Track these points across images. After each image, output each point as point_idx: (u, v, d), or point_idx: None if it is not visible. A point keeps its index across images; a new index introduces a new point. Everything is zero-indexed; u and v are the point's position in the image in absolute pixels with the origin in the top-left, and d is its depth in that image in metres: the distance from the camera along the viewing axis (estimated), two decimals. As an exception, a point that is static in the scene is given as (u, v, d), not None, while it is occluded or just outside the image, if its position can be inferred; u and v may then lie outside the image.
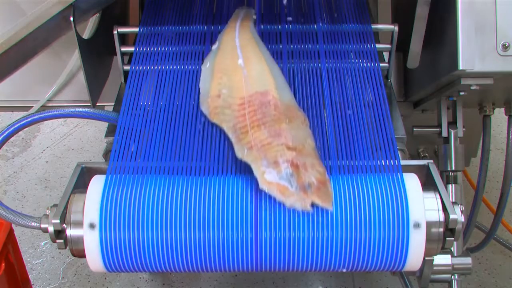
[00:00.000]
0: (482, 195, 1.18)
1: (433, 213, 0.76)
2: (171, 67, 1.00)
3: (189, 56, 1.02)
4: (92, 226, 0.75)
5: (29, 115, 0.89)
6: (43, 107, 1.28)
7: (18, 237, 1.20)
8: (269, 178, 0.74)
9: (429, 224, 0.75)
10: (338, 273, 1.62)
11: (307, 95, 0.94)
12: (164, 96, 0.95)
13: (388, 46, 1.06)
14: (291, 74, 0.98)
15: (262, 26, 1.06)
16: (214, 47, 1.00)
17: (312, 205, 0.74)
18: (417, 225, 0.75)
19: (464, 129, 1.08)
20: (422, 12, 0.99)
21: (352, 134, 0.87)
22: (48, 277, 1.65)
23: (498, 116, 1.26)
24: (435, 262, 0.84)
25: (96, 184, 0.78)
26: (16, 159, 2.12)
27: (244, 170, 0.82)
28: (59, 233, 0.76)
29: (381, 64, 1.01)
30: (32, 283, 1.24)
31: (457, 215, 0.75)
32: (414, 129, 1.13)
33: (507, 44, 0.89)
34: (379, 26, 1.08)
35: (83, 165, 0.85)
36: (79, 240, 0.76)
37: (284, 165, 0.75)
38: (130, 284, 1.63)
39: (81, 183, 0.82)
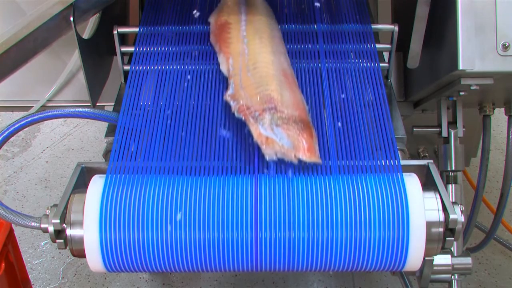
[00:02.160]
0: (482, 195, 1.18)
1: (433, 213, 0.76)
2: (171, 67, 1.00)
3: (189, 56, 1.02)
4: (92, 226, 0.75)
5: (29, 115, 0.89)
6: (43, 107, 1.28)
7: (18, 237, 1.20)
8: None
9: (429, 224, 0.75)
10: (338, 273, 1.62)
11: (307, 95, 0.94)
12: (164, 96, 0.95)
13: (388, 46, 1.06)
14: (291, 74, 0.98)
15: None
16: None
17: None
18: (417, 225, 0.75)
19: (464, 129, 1.08)
20: (422, 12, 0.99)
21: (352, 134, 0.87)
22: (48, 277, 1.65)
23: (498, 116, 1.26)
24: (435, 262, 0.84)
25: (96, 184, 0.78)
26: (16, 159, 2.12)
27: (244, 170, 0.82)
28: (59, 233, 0.76)
29: (381, 64, 1.01)
30: (32, 283, 1.24)
31: (457, 215, 0.75)
32: (414, 129, 1.13)
33: (507, 44, 0.89)
34: (379, 26, 1.08)
35: (83, 165, 0.85)
36: (79, 240, 0.76)
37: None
38: (130, 284, 1.63)
39: (81, 183, 0.82)
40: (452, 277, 1.02)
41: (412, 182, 0.78)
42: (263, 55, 0.93)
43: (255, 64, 0.90)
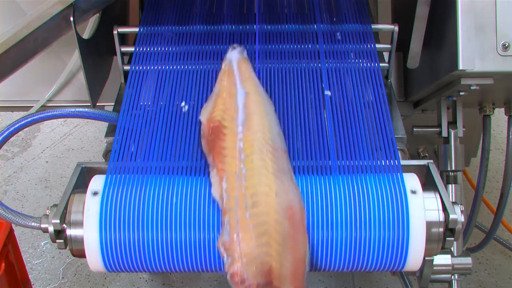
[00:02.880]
0: (482, 195, 1.18)
1: (433, 213, 0.76)
2: (171, 67, 1.00)
3: (189, 56, 1.02)
4: (92, 226, 0.75)
5: (29, 115, 0.89)
6: (43, 107, 1.28)
7: (18, 237, 1.20)
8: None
9: (429, 224, 0.75)
10: (338, 273, 1.62)
11: (307, 95, 0.94)
12: (164, 96, 0.95)
13: (388, 46, 1.06)
14: (291, 74, 0.98)
15: (261, 26, 1.07)
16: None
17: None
18: (417, 225, 0.75)
19: (464, 129, 1.08)
20: (422, 12, 0.99)
21: (352, 134, 0.87)
22: (48, 277, 1.65)
23: (498, 116, 1.26)
24: (435, 262, 0.84)
25: (96, 184, 0.78)
26: (16, 159, 2.12)
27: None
28: (59, 233, 0.76)
29: (381, 64, 1.01)
30: (32, 283, 1.24)
31: (457, 215, 0.75)
32: (414, 129, 1.13)
33: (507, 44, 0.89)
34: (379, 26, 1.08)
35: (83, 165, 0.85)
36: (79, 240, 0.76)
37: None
38: (130, 284, 1.63)
39: (81, 183, 0.82)
40: (452, 277, 1.02)
41: (412, 182, 0.78)
42: (264, 181, 0.74)
43: (254, 197, 0.73)
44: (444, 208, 0.76)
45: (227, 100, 0.86)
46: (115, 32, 1.05)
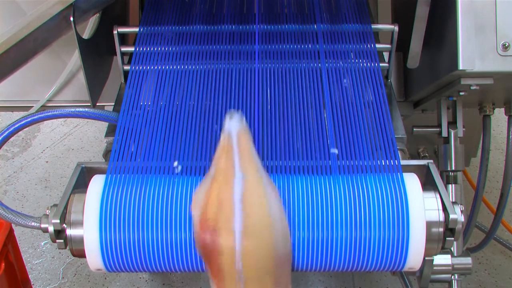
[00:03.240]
0: (482, 195, 1.18)
1: (433, 213, 0.76)
2: (171, 67, 1.00)
3: (189, 56, 1.02)
4: (92, 226, 0.75)
5: (29, 115, 0.89)
6: (43, 107, 1.28)
7: (18, 237, 1.20)
8: None
9: (429, 224, 0.75)
10: (338, 273, 1.62)
11: (307, 95, 0.95)
12: (164, 96, 0.95)
13: (388, 46, 1.06)
14: (291, 74, 0.98)
15: (261, 26, 1.07)
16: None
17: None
18: (417, 225, 0.75)
19: (464, 129, 1.08)
20: (422, 12, 0.99)
21: (352, 134, 0.87)
22: (48, 277, 1.65)
23: (498, 116, 1.26)
24: (435, 262, 0.84)
25: (96, 184, 0.78)
26: (16, 159, 2.12)
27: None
28: (59, 233, 0.76)
29: (381, 64, 1.01)
30: (32, 283, 1.24)
31: (457, 215, 0.75)
32: (414, 129, 1.13)
33: (507, 44, 0.89)
34: (379, 26, 1.08)
35: (83, 165, 0.85)
36: (79, 240, 0.76)
37: None
38: (130, 284, 1.63)
39: (81, 183, 0.82)
40: (452, 277, 1.02)
41: (412, 182, 0.78)
42: None
43: None
44: (444, 208, 0.76)
45: (223, 189, 0.73)
46: (115, 32, 1.05)
